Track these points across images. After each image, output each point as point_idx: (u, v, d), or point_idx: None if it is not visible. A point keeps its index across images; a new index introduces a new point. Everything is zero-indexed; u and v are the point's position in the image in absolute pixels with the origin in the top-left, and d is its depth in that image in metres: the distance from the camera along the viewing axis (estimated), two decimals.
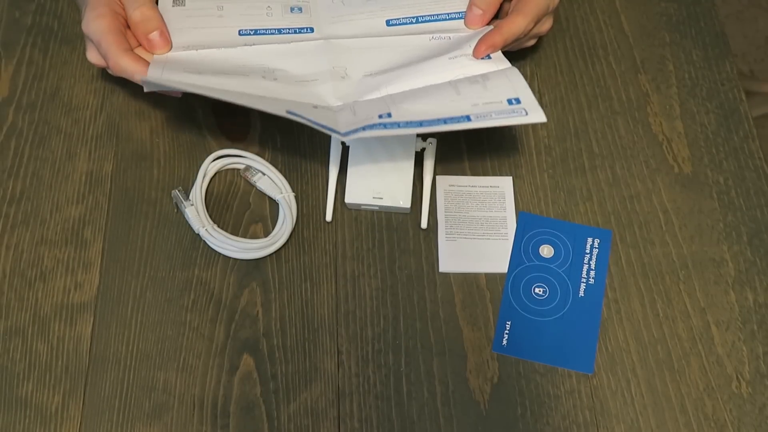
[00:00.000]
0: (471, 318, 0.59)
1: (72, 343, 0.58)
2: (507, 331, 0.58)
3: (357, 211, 0.63)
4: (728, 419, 0.56)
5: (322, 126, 0.56)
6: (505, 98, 0.57)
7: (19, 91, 0.68)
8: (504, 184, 0.64)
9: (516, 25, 0.60)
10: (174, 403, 0.56)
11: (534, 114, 0.56)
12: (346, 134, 0.56)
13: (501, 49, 0.61)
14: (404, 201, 0.61)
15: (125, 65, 0.58)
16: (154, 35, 0.61)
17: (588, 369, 0.57)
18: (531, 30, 0.62)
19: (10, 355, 0.58)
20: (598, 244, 0.62)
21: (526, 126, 0.66)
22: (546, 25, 0.64)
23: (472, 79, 0.60)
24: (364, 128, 0.56)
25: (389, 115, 0.57)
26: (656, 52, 0.70)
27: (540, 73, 0.69)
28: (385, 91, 0.61)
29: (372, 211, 0.63)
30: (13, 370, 0.57)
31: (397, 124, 0.56)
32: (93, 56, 0.62)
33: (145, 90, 0.58)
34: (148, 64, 0.59)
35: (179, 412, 0.56)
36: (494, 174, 0.64)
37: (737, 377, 0.57)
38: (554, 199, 0.63)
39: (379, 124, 0.56)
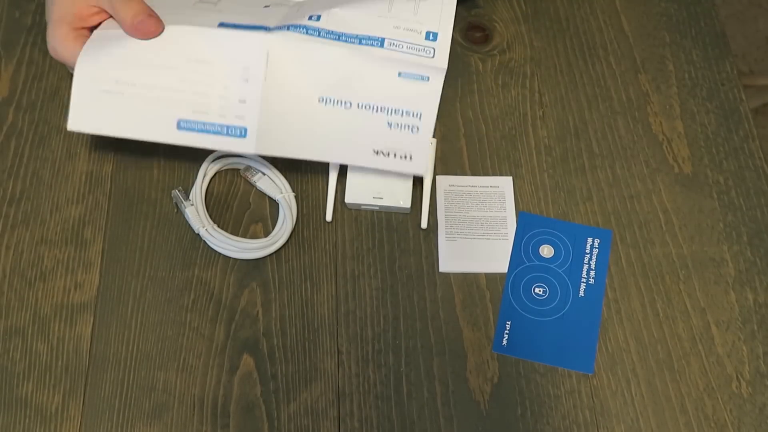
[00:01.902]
0: (471, 318, 0.59)
1: (72, 343, 0.58)
2: (507, 331, 0.58)
3: (357, 211, 0.63)
4: (728, 419, 0.56)
5: (250, 27, 0.56)
6: (425, 29, 0.58)
7: (19, 91, 0.68)
8: (504, 184, 0.64)
9: None
10: (174, 403, 0.56)
11: (438, 63, 0.56)
12: (270, 29, 0.56)
13: None
14: (404, 201, 0.61)
15: (62, 53, 0.58)
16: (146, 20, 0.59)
17: (588, 369, 0.57)
18: None
19: (10, 355, 0.58)
20: (598, 244, 0.62)
21: (526, 126, 0.66)
22: None
23: None
24: (288, 27, 0.56)
25: (318, 18, 0.57)
26: (656, 52, 0.70)
27: (540, 73, 0.69)
28: None
29: (372, 211, 0.63)
30: (13, 370, 0.57)
31: (317, 31, 0.56)
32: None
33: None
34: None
35: (179, 412, 0.56)
36: (494, 174, 0.64)
37: (737, 377, 0.57)
38: (554, 199, 0.63)
39: (303, 26, 0.57)
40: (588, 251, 0.61)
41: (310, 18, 0.58)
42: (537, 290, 0.60)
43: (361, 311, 0.59)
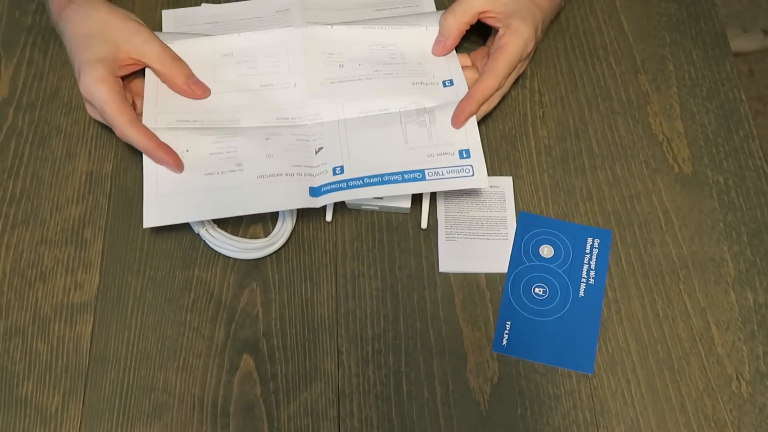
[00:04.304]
0: (471, 318, 0.59)
1: (72, 343, 0.58)
2: (507, 331, 0.58)
3: (357, 211, 0.63)
4: (728, 419, 0.56)
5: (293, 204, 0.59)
6: (456, 149, 0.60)
7: (19, 91, 0.68)
8: (504, 184, 0.64)
9: (487, 87, 0.61)
10: (174, 403, 0.56)
11: (479, 183, 0.59)
12: (316, 198, 0.59)
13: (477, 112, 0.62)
14: (404, 201, 0.61)
15: (135, 139, 0.58)
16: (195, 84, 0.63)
17: (588, 369, 0.57)
18: (505, 83, 0.63)
19: (10, 355, 0.58)
20: (598, 244, 0.62)
21: (526, 126, 0.66)
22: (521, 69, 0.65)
23: (422, 118, 0.61)
24: (322, 191, 0.59)
25: (342, 169, 0.59)
26: (656, 52, 0.70)
27: (540, 73, 0.69)
28: (340, 104, 0.63)
29: (372, 211, 0.63)
30: (13, 370, 0.57)
31: (357, 181, 0.58)
32: (93, 112, 0.61)
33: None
34: (153, 136, 0.59)
35: (179, 412, 0.56)
36: (494, 174, 0.64)
37: (737, 377, 0.57)
38: (554, 199, 0.63)
39: (336, 183, 0.59)
40: (588, 251, 0.61)
41: (334, 172, 0.59)
42: (537, 290, 0.60)
43: (361, 311, 0.59)
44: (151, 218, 0.57)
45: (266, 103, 0.63)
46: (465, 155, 0.59)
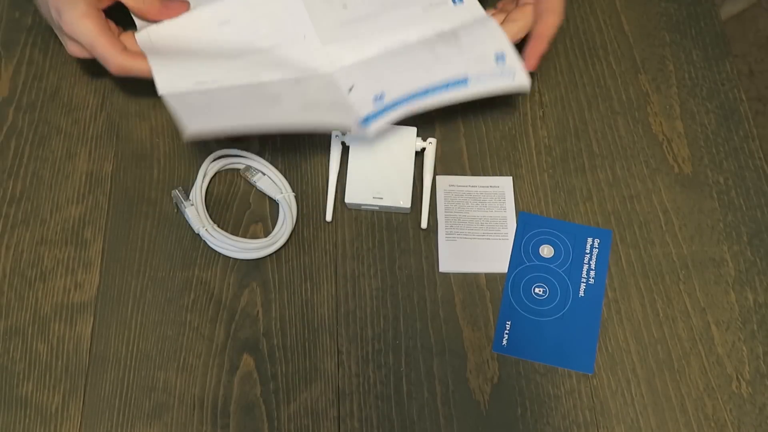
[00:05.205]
0: (471, 318, 0.59)
1: (72, 343, 0.58)
2: (507, 331, 0.58)
3: (357, 211, 0.63)
4: (728, 419, 0.56)
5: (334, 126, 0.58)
6: (491, 53, 0.60)
7: (19, 91, 0.68)
8: (504, 184, 0.64)
9: (552, 25, 0.62)
10: (174, 403, 0.56)
11: (520, 77, 0.59)
12: (364, 125, 0.58)
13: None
14: (404, 201, 0.61)
15: (132, 65, 0.59)
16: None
17: (588, 369, 0.57)
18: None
19: (10, 355, 0.58)
20: (598, 244, 0.62)
21: (526, 126, 0.66)
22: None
23: (446, 39, 0.61)
24: (366, 120, 0.58)
25: (382, 96, 0.58)
26: (656, 52, 0.70)
27: (540, 73, 0.69)
28: (358, 46, 0.62)
29: (372, 211, 0.63)
30: (13, 370, 0.57)
31: (406, 99, 0.58)
32: (76, 50, 0.61)
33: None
34: (145, 58, 0.59)
35: (179, 412, 0.56)
36: (494, 174, 0.64)
37: (737, 377, 0.57)
38: (554, 199, 0.63)
39: (379, 111, 0.58)
40: (588, 251, 0.61)
41: (375, 100, 0.59)
42: (537, 290, 0.60)
43: (361, 311, 0.59)
44: (193, 126, 0.55)
45: (281, 62, 0.62)
46: (501, 59, 0.59)
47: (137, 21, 0.63)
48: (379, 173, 0.62)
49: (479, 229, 0.62)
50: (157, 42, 0.62)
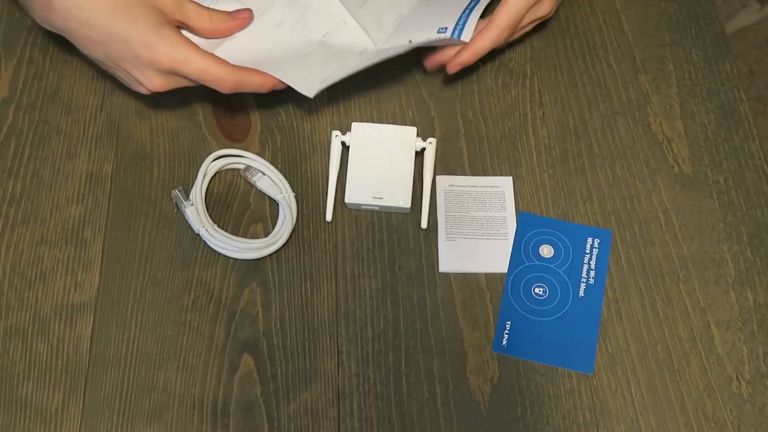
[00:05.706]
0: (471, 318, 0.59)
1: (72, 343, 0.58)
2: (507, 331, 0.58)
3: (357, 211, 0.63)
4: (728, 419, 0.56)
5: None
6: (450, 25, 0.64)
7: (19, 91, 0.68)
8: (504, 184, 0.64)
9: (486, 40, 0.62)
10: (174, 403, 0.56)
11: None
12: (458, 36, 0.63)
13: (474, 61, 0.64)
14: (404, 201, 0.61)
15: (246, 80, 0.57)
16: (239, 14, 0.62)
17: (588, 369, 0.57)
18: (506, 37, 0.63)
19: (10, 355, 0.58)
20: (598, 244, 0.62)
21: (526, 126, 0.66)
22: (541, 11, 0.64)
23: None
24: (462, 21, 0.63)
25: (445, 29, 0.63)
26: (656, 52, 0.70)
27: (540, 73, 0.69)
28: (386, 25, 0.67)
29: (372, 211, 0.63)
30: (13, 370, 0.57)
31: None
32: (161, 82, 0.56)
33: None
34: (249, 71, 0.58)
35: (179, 412, 0.56)
36: (494, 174, 0.64)
37: (737, 377, 0.57)
38: (554, 199, 0.63)
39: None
40: (588, 251, 0.61)
41: (438, 31, 0.63)
42: (537, 290, 0.60)
43: (361, 311, 0.59)
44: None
45: (336, 52, 0.65)
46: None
47: (197, 39, 0.61)
48: (379, 173, 0.62)
49: (479, 229, 0.62)
50: (237, 55, 0.62)
